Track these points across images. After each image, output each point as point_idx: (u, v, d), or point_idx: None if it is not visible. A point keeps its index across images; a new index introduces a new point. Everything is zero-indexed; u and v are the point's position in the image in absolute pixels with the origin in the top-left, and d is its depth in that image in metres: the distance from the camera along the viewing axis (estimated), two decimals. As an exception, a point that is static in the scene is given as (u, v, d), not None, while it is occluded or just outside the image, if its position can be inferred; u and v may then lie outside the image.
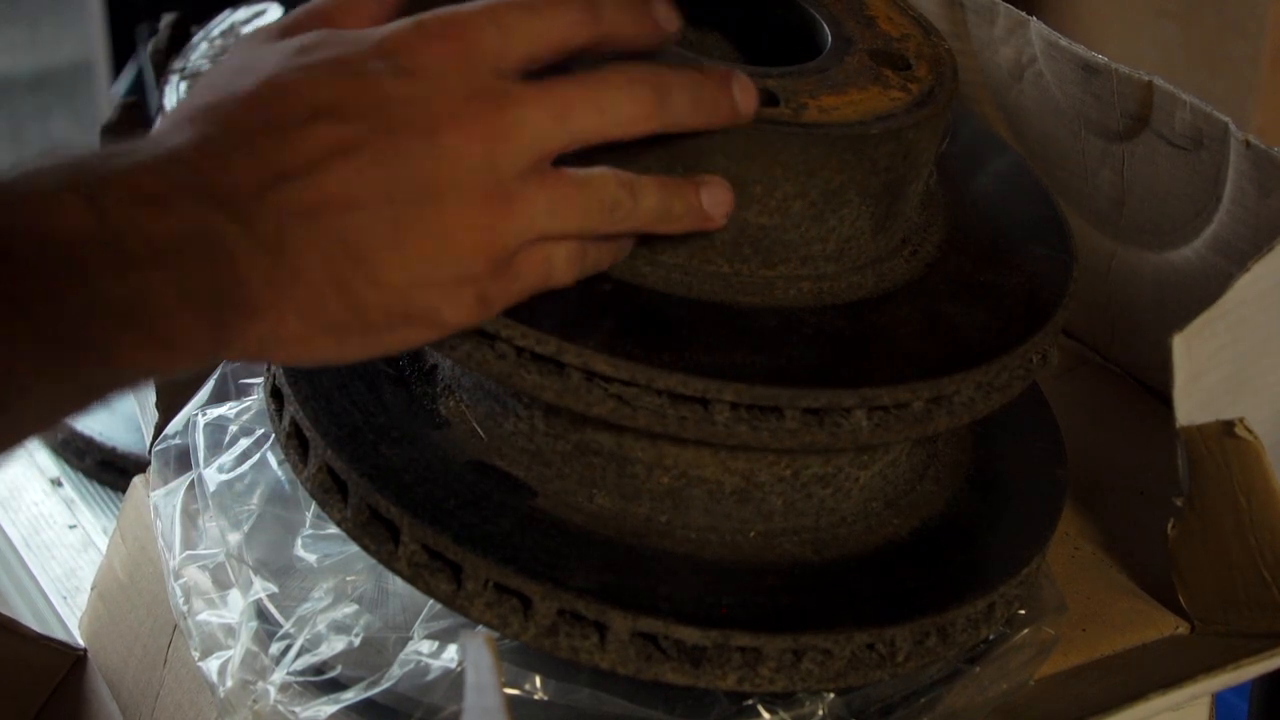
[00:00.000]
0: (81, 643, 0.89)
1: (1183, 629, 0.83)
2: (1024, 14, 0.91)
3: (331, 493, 0.70)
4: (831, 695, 0.70)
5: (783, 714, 0.69)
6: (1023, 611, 0.77)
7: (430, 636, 0.71)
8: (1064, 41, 0.88)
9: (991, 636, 0.74)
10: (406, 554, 0.68)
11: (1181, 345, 0.75)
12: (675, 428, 0.66)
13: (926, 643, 0.70)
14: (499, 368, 0.66)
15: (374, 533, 0.69)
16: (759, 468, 0.70)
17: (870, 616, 0.69)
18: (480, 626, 0.69)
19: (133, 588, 0.86)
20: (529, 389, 0.66)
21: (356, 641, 0.73)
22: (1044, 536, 0.76)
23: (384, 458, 0.70)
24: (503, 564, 0.66)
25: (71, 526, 1.04)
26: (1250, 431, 0.75)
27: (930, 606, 0.70)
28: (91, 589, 0.90)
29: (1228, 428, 0.75)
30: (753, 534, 0.71)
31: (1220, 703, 0.83)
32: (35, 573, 0.99)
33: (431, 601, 0.72)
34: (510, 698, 0.68)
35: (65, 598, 0.94)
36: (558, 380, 0.65)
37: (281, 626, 0.74)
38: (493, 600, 0.67)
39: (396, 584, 0.74)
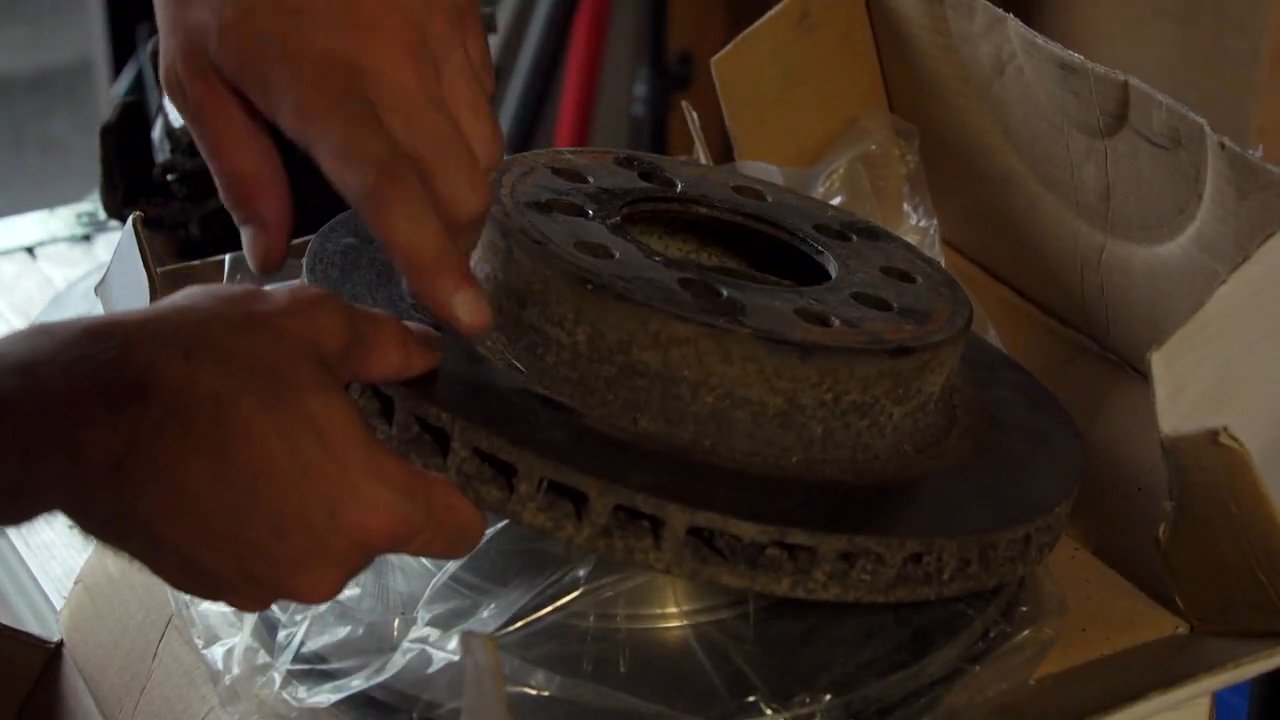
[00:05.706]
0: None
1: (1182, 629, 0.83)
2: (1001, 11, 0.91)
3: (375, 413, 0.70)
4: (829, 697, 0.70)
5: (783, 713, 0.70)
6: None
7: (433, 623, 0.72)
8: (1040, 40, 0.88)
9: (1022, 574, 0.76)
10: (456, 463, 0.68)
11: (1160, 361, 0.75)
12: None
13: (969, 568, 0.72)
14: None
15: (421, 445, 0.69)
16: (802, 390, 0.71)
17: (919, 528, 0.71)
18: (478, 621, 0.69)
19: (123, 581, 0.86)
20: None
21: (360, 630, 0.73)
22: (1071, 484, 0.78)
23: (427, 379, 0.70)
24: (559, 463, 0.67)
25: (71, 526, 1.03)
26: (1235, 439, 0.75)
27: (974, 527, 0.72)
28: (76, 583, 0.90)
29: (1212, 437, 0.75)
30: (795, 459, 0.72)
31: (1220, 703, 0.82)
32: (35, 573, 0.99)
33: (433, 583, 0.72)
34: (512, 695, 0.68)
35: (65, 598, 0.94)
36: None
37: (284, 614, 0.75)
38: (545, 503, 0.67)
39: (395, 579, 0.74)
